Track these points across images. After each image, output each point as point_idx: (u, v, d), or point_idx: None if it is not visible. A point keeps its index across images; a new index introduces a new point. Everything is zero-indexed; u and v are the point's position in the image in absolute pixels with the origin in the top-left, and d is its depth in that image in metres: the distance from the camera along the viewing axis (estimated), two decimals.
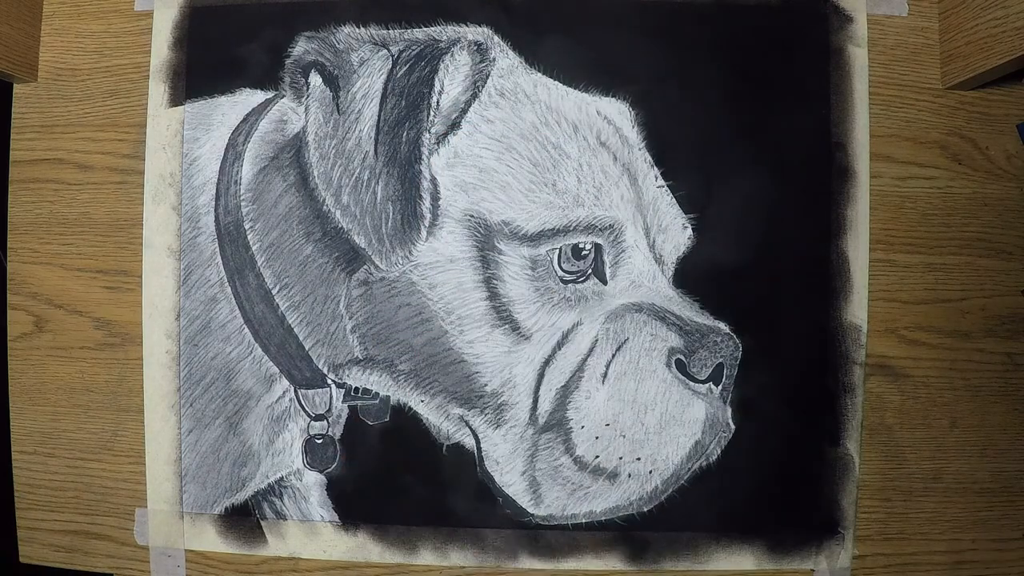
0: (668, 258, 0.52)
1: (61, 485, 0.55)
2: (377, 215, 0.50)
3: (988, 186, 0.54)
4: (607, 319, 0.51)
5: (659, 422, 0.51)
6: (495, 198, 0.51)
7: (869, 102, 0.53)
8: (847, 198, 0.53)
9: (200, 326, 0.53)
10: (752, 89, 0.53)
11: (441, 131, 0.51)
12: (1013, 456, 0.54)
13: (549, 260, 0.50)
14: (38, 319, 0.55)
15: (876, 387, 0.53)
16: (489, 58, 0.52)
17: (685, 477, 0.52)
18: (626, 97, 0.52)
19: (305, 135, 0.52)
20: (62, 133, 0.55)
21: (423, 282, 0.51)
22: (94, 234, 0.55)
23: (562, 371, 0.51)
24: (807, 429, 0.53)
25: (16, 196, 0.56)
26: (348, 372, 0.52)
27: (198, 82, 0.54)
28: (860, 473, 0.53)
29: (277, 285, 0.52)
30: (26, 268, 0.55)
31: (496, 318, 0.51)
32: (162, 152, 0.54)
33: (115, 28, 0.55)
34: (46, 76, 0.56)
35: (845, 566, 0.53)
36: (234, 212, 0.53)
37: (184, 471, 0.53)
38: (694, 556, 0.52)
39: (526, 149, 0.51)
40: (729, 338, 0.51)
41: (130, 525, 0.54)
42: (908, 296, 0.54)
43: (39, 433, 0.55)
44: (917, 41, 0.54)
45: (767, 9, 0.53)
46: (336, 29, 0.53)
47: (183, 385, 0.53)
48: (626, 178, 0.51)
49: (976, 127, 0.54)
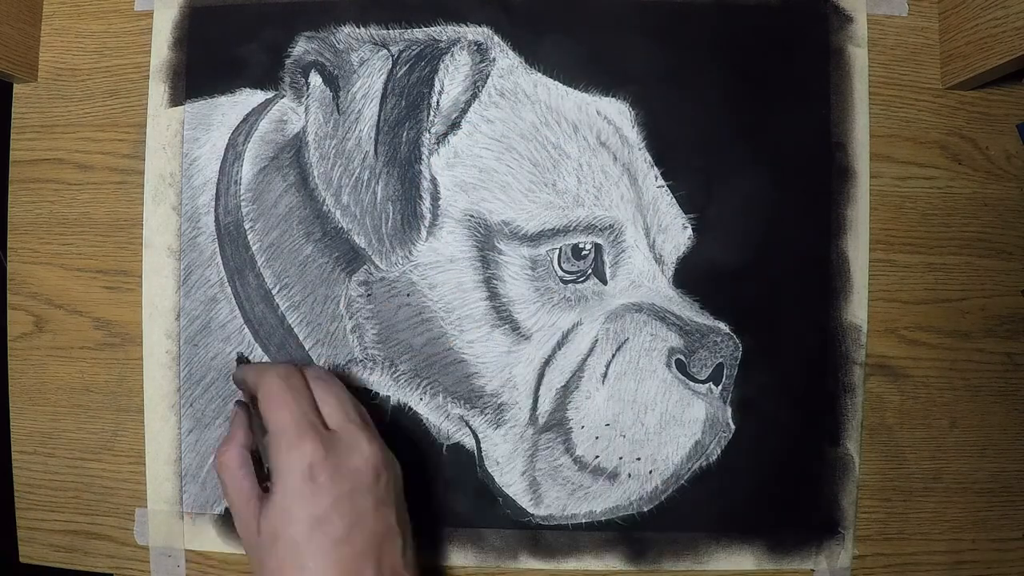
0: (668, 258, 0.52)
1: (61, 485, 0.55)
2: (377, 215, 0.50)
3: (988, 186, 0.54)
4: (607, 319, 0.51)
5: (659, 422, 0.51)
6: (495, 198, 0.51)
7: (869, 102, 0.53)
8: (847, 198, 0.53)
9: (200, 326, 0.53)
10: (752, 89, 0.53)
11: (441, 131, 0.51)
12: (1013, 456, 0.54)
13: (549, 260, 0.50)
14: (38, 319, 0.55)
15: (876, 387, 0.53)
16: (489, 58, 0.52)
17: (685, 477, 0.52)
18: (626, 97, 0.52)
19: (305, 135, 0.52)
20: (62, 133, 0.55)
21: (423, 282, 0.51)
22: (94, 234, 0.55)
23: (562, 371, 0.51)
24: (807, 429, 0.53)
25: (16, 196, 0.56)
26: (348, 372, 0.52)
27: (198, 82, 0.54)
28: (860, 473, 0.53)
29: (277, 285, 0.52)
30: (26, 268, 0.55)
31: (496, 318, 0.51)
32: (162, 152, 0.54)
33: (115, 28, 0.55)
34: (46, 76, 0.56)
35: (845, 566, 0.53)
36: (234, 212, 0.53)
37: (184, 471, 0.53)
38: (694, 556, 0.52)
39: (526, 149, 0.51)
40: (729, 338, 0.51)
41: (130, 525, 0.54)
42: (908, 296, 0.54)
43: (39, 433, 0.55)
44: (917, 41, 0.54)
45: (767, 9, 0.53)
46: (336, 29, 0.53)
47: (183, 385, 0.53)
48: (626, 178, 0.51)
49: (976, 127, 0.54)
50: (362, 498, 0.40)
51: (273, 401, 0.42)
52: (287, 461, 0.40)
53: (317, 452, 0.40)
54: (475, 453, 0.52)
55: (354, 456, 0.41)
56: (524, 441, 0.51)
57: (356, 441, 0.42)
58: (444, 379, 0.51)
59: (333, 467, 0.40)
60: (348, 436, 0.42)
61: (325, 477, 0.40)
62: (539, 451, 0.51)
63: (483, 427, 0.52)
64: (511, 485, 0.52)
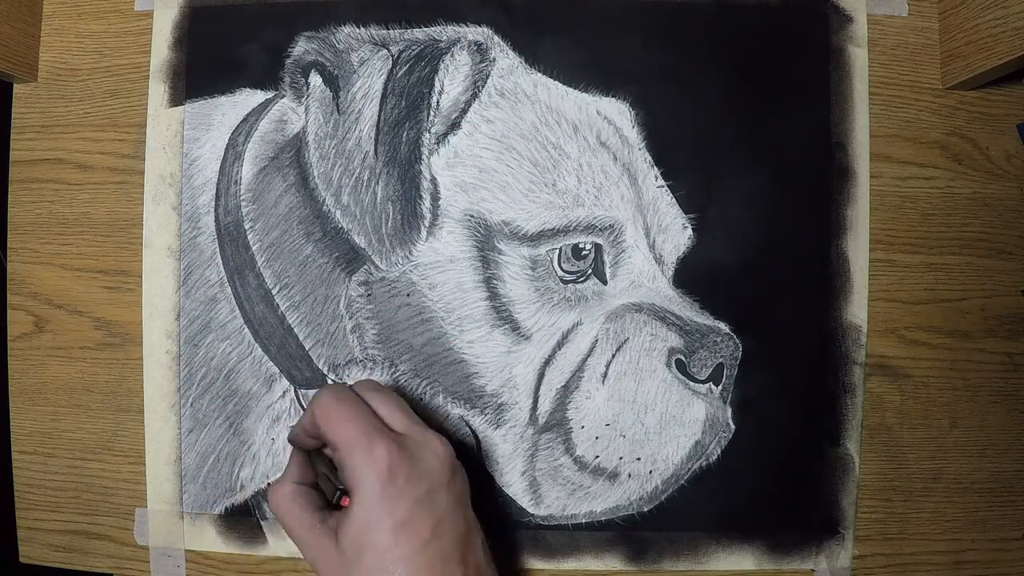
0: (668, 258, 0.52)
1: (61, 485, 0.55)
2: (377, 215, 0.50)
3: (988, 186, 0.54)
4: (607, 319, 0.51)
5: (659, 422, 0.51)
6: (495, 198, 0.51)
7: (869, 102, 0.53)
8: (847, 198, 0.53)
9: (200, 326, 0.53)
10: (752, 89, 0.53)
11: (441, 131, 0.51)
12: (1013, 456, 0.54)
13: (549, 260, 0.50)
14: (38, 319, 0.55)
15: (876, 387, 0.53)
16: (489, 58, 0.52)
17: (685, 477, 0.52)
18: (626, 97, 0.52)
19: (305, 135, 0.52)
20: (62, 133, 0.55)
21: (423, 282, 0.51)
22: (94, 234, 0.55)
23: (562, 371, 0.51)
24: (807, 429, 0.53)
25: (16, 196, 0.56)
26: (348, 372, 0.52)
27: (198, 82, 0.54)
28: (860, 473, 0.53)
29: (277, 285, 0.52)
30: (26, 268, 0.55)
31: (496, 318, 0.51)
32: (162, 152, 0.54)
33: (115, 28, 0.55)
34: (46, 76, 0.56)
35: (845, 566, 0.53)
36: (234, 212, 0.53)
37: (184, 471, 0.53)
38: (694, 556, 0.52)
39: (526, 149, 0.51)
40: (729, 338, 0.51)
41: (130, 525, 0.54)
42: (908, 296, 0.54)
43: (39, 433, 0.55)
44: (917, 41, 0.54)
45: (767, 9, 0.53)
46: (336, 29, 0.53)
47: (183, 385, 0.53)
48: (626, 178, 0.51)
49: (976, 127, 0.54)
50: (442, 497, 0.39)
51: (332, 418, 0.40)
52: (362, 469, 0.38)
53: (392, 453, 0.38)
54: (475, 453, 0.52)
55: (427, 455, 0.40)
56: (524, 441, 0.51)
57: (427, 440, 0.41)
58: (444, 379, 0.51)
59: (409, 467, 0.39)
60: (417, 436, 0.41)
61: (403, 478, 0.38)
62: (539, 451, 0.51)
63: (483, 427, 0.52)
64: (511, 485, 0.52)
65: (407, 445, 0.40)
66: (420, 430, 0.41)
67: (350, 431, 0.39)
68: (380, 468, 0.38)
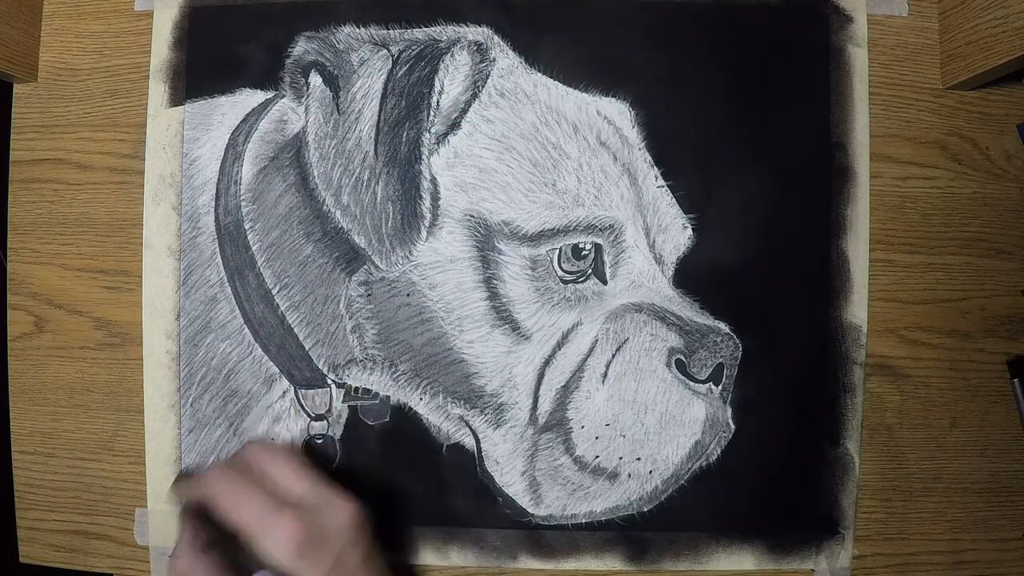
0: (668, 258, 0.52)
1: (61, 485, 0.55)
2: (377, 215, 0.50)
3: (988, 186, 0.54)
4: (607, 319, 0.51)
5: (659, 422, 0.51)
6: (495, 198, 0.51)
7: (869, 102, 0.53)
8: (847, 198, 0.53)
9: (200, 326, 0.53)
10: (752, 89, 0.53)
11: (441, 131, 0.51)
12: (1013, 456, 0.54)
13: (549, 260, 0.50)
14: (38, 319, 0.55)
15: (876, 387, 0.53)
16: (489, 58, 0.52)
17: (685, 477, 0.52)
18: (626, 97, 0.52)
19: (305, 135, 0.52)
20: (62, 133, 0.55)
21: (423, 282, 0.51)
22: (94, 234, 0.55)
23: (562, 371, 0.51)
24: (807, 429, 0.53)
25: (16, 196, 0.56)
26: (348, 372, 0.52)
27: (198, 82, 0.54)
28: (860, 473, 0.53)
29: (277, 285, 0.52)
30: (26, 268, 0.55)
31: (496, 318, 0.51)
32: (162, 152, 0.54)
33: (115, 28, 0.55)
34: (46, 76, 0.56)
35: (845, 566, 0.53)
36: (234, 212, 0.53)
37: (184, 471, 0.53)
38: (694, 556, 0.52)
39: (526, 149, 0.51)
40: (729, 338, 0.51)
41: (130, 525, 0.54)
42: (908, 296, 0.54)
43: (39, 433, 0.55)
44: (917, 41, 0.54)
45: (767, 9, 0.53)
46: (336, 29, 0.53)
47: (183, 385, 0.53)
48: (626, 178, 0.51)
49: (976, 127, 0.54)
50: (352, 556, 0.40)
51: (227, 502, 0.40)
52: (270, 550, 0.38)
53: (296, 531, 0.38)
54: (475, 453, 0.52)
55: (332, 519, 0.40)
56: (524, 441, 0.51)
57: (329, 502, 0.41)
58: (444, 379, 0.51)
59: (318, 536, 0.39)
60: (320, 499, 0.40)
61: (312, 550, 0.38)
62: (539, 451, 0.51)
63: (483, 427, 0.52)
64: (511, 485, 0.52)
65: (310, 512, 0.39)
66: (322, 491, 0.41)
67: (248, 513, 0.39)
68: (287, 547, 0.38)
